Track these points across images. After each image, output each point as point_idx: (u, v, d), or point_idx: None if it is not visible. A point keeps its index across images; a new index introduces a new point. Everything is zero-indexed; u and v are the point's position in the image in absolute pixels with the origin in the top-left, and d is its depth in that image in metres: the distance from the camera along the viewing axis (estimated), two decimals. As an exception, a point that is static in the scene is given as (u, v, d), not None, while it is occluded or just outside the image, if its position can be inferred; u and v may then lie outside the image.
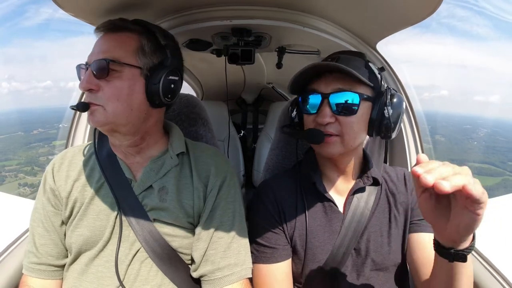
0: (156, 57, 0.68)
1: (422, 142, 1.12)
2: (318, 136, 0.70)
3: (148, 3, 0.85)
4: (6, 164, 29.67)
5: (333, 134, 0.69)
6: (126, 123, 0.66)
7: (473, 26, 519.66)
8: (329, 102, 0.68)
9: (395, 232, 0.76)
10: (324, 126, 0.69)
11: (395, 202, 0.79)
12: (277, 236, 0.75)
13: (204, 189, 0.72)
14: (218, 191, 0.72)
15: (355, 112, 0.68)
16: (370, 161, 0.79)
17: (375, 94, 0.71)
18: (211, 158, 0.76)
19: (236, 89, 2.29)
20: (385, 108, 0.69)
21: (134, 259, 0.67)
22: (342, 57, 0.72)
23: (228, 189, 0.74)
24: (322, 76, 0.71)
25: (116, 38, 0.66)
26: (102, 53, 0.64)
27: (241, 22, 0.97)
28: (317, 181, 0.77)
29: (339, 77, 0.68)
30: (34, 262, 0.69)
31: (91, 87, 0.63)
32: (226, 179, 0.74)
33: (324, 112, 0.68)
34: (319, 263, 0.74)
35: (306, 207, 0.76)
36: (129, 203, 0.69)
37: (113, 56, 0.63)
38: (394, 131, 0.71)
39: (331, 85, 0.69)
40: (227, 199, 0.73)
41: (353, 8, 0.90)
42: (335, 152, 0.71)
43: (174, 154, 0.74)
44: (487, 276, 0.78)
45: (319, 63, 0.69)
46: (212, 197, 0.71)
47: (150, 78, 0.66)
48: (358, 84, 0.68)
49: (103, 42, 0.66)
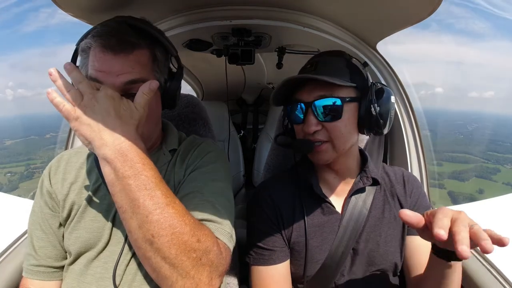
0: (166, 67, 0.70)
1: (422, 142, 1.12)
2: (307, 146, 0.71)
3: (148, 3, 0.85)
4: (31, 163, 32.90)
5: (322, 140, 0.69)
6: (150, 130, 0.68)
7: (468, 23, 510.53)
8: (313, 110, 0.68)
9: (394, 233, 0.76)
10: (312, 134, 0.69)
11: (394, 203, 0.79)
12: (274, 238, 0.75)
13: (184, 172, 0.70)
14: (196, 166, 0.69)
15: (340, 116, 0.68)
16: (368, 160, 0.79)
17: (360, 93, 0.70)
18: (197, 145, 0.76)
19: (236, 89, 2.29)
20: (371, 105, 0.68)
21: (131, 259, 0.67)
22: (321, 62, 0.72)
23: (206, 163, 0.70)
24: (304, 85, 0.71)
25: (130, 58, 0.61)
26: (122, 76, 0.60)
27: (241, 22, 0.97)
28: (314, 183, 0.77)
29: (319, 84, 0.68)
30: (33, 264, 0.70)
31: None
32: (206, 156, 0.71)
33: (310, 121, 0.69)
34: (317, 263, 0.74)
35: (304, 209, 0.76)
36: None
37: (137, 77, 0.61)
38: (385, 126, 0.70)
39: (312, 93, 0.69)
40: (204, 164, 0.69)
41: (353, 8, 0.90)
42: (328, 159, 0.71)
43: (167, 150, 0.74)
44: (487, 276, 0.78)
45: (293, 77, 0.69)
46: (190, 167, 0.70)
47: (166, 88, 0.69)
48: (339, 88, 0.68)
49: (115, 63, 0.60)
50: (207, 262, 0.51)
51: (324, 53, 0.78)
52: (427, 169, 1.09)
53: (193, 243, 0.49)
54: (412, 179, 0.82)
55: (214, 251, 0.52)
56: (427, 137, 1.12)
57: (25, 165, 32.81)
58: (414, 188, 0.80)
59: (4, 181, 29.93)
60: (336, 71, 0.68)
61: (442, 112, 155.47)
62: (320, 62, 0.72)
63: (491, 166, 42.00)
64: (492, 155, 45.51)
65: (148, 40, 0.65)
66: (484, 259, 0.83)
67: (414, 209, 0.78)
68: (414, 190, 0.80)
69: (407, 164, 1.11)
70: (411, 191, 0.79)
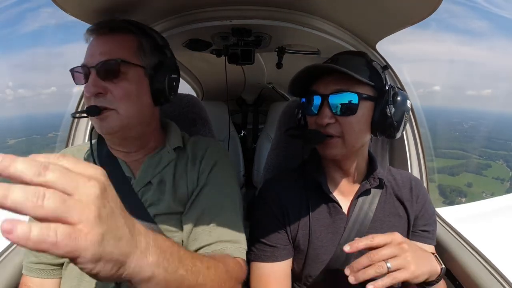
0: (155, 56, 0.68)
1: (423, 142, 1.12)
2: (316, 137, 0.70)
3: (148, 3, 0.85)
4: None
5: (334, 135, 0.69)
6: (138, 124, 0.66)
7: (467, 22, 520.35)
8: (329, 103, 0.68)
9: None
10: (324, 127, 0.69)
11: (399, 206, 0.79)
12: (278, 236, 0.75)
13: (198, 171, 0.72)
14: (209, 171, 0.72)
15: (355, 112, 0.68)
16: (375, 163, 0.78)
17: (377, 93, 0.70)
18: (205, 145, 0.77)
19: (236, 89, 2.28)
20: (387, 107, 0.67)
21: None
22: (342, 58, 0.72)
23: (218, 171, 0.73)
24: (321, 77, 0.71)
25: (116, 39, 0.65)
26: (105, 54, 0.63)
27: (241, 22, 0.97)
28: (323, 182, 0.76)
29: (337, 78, 0.68)
30: (33, 261, 0.69)
31: (99, 90, 0.62)
32: (218, 162, 0.74)
33: (324, 113, 0.68)
34: (322, 264, 0.74)
35: (310, 207, 0.75)
36: (130, 201, 0.68)
37: (118, 56, 0.62)
38: (399, 130, 0.70)
39: (330, 86, 0.69)
40: (218, 178, 0.72)
41: (353, 8, 0.90)
42: (337, 153, 0.71)
43: (171, 148, 0.74)
44: (487, 276, 0.78)
45: (314, 65, 0.69)
46: (203, 178, 0.71)
47: (154, 77, 0.66)
48: (357, 84, 0.68)
49: (102, 43, 0.65)
50: (235, 280, 0.61)
51: (346, 52, 0.80)
52: (427, 167, 1.10)
53: (226, 281, 0.56)
54: (419, 185, 0.82)
55: (237, 271, 0.62)
56: (422, 135, 1.13)
57: (31, 163, 34.64)
58: (420, 195, 0.80)
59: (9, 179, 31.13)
60: (356, 69, 0.68)
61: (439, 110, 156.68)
62: (340, 58, 0.72)
63: (483, 162, 42.96)
64: (485, 152, 46.68)
65: (136, 29, 0.68)
66: (484, 259, 0.83)
67: (420, 215, 0.79)
68: (420, 196, 0.80)
69: (407, 162, 1.11)
70: (418, 197, 0.79)
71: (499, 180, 37.11)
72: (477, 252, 0.85)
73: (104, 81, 0.62)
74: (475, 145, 49.35)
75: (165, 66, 0.69)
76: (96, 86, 0.62)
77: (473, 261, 0.83)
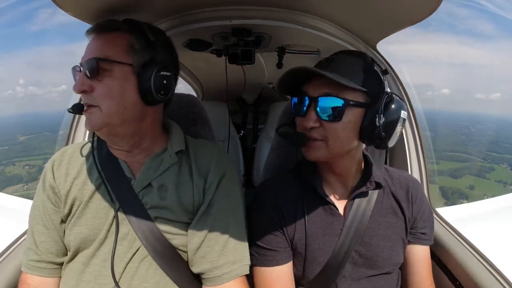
0: (147, 54, 0.67)
1: (423, 143, 1.12)
2: (300, 140, 0.70)
3: (148, 3, 0.85)
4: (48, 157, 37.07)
5: (317, 138, 0.68)
6: (122, 123, 0.65)
7: (476, 25, 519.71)
8: (315, 106, 0.67)
9: (396, 237, 0.76)
10: (309, 130, 0.68)
11: (396, 206, 0.78)
12: (277, 239, 0.75)
13: (203, 184, 0.72)
14: (216, 187, 0.72)
15: (340, 118, 0.65)
16: (372, 165, 0.77)
17: (370, 100, 0.66)
18: (211, 154, 0.76)
19: (236, 89, 2.29)
20: (377, 115, 0.64)
21: (133, 257, 0.67)
22: (337, 59, 0.69)
23: (226, 185, 0.73)
24: (312, 79, 0.69)
25: (106, 38, 0.66)
26: (93, 53, 0.64)
27: (241, 22, 0.97)
28: (317, 184, 0.75)
29: (328, 81, 0.65)
30: (34, 259, 0.69)
31: (84, 88, 0.63)
32: (226, 175, 0.73)
33: (310, 116, 0.67)
34: (319, 266, 0.74)
35: (306, 210, 0.75)
36: (129, 201, 0.69)
37: (103, 54, 0.63)
38: (388, 140, 0.66)
39: (318, 89, 0.67)
40: (225, 195, 0.72)
41: (353, 8, 0.90)
42: (319, 156, 0.70)
43: (173, 152, 0.73)
44: (487, 276, 0.78)
45: (299, 67, 0.66)
46: (210, 193, 0.71)
47: (141, 75, 0.65)
48: (347, 89, 0.65)
49: (94, 43, 0.66)
50: None
51: (344, 51, 0.76)
52: (427, 169, 1.09)
53: None
54: (417, 186, 0.82)
55: None
56: (427, 137, 1.13)
57: (43, 159, 34.10)
58: (418, 196, 0.79)
59: (23, 173, 31.82)
60: (350, 72, 0.66)
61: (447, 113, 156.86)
62: (336, 59, 0.69)
63: (487, 165, 43.03)
64: (490, 155, 46.62)
65: (129, 27, 0.68)
66: (484, 259, 0.83)
67: (418, 217, 0.78)
68: (418, 197, 0.79)
69: (407, 164, 1.10)
70: (416, 198, 0.79)
71: (502, 183, 37.07)
72: (477, 252, 0.85)
73: (91, 79, 0.63)
74: (481, 148, 49.50)
75: (156, 63, 0.67)
76: (81, 84, 0.63)
77: (474, 261, 0.83)
